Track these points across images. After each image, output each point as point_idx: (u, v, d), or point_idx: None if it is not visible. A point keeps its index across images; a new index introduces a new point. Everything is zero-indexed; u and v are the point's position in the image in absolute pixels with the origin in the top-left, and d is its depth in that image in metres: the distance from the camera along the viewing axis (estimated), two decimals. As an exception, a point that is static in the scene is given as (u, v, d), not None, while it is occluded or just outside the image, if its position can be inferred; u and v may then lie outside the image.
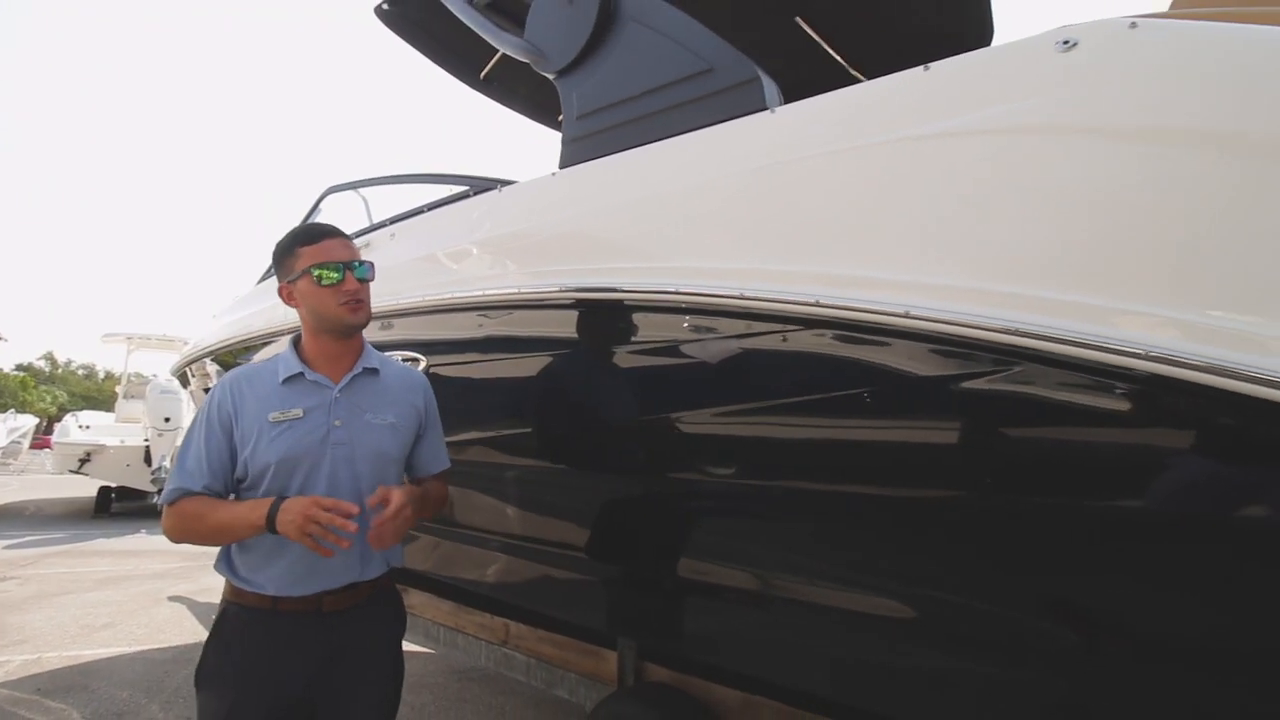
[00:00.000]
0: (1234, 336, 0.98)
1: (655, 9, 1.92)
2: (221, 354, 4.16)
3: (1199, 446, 1.08)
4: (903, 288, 1.25)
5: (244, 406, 1.45)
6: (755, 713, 2.23)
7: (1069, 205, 1.14)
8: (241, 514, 1.37)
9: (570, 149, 2.06)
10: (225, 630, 1.45)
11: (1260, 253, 0.99)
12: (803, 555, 1.61)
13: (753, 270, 1.47)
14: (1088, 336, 1.06)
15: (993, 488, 1.26)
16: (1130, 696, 1.24)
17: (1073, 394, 1.12)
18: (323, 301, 1.48)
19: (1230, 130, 1.03)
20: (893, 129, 1.35)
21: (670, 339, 1.66)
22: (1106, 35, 1.16)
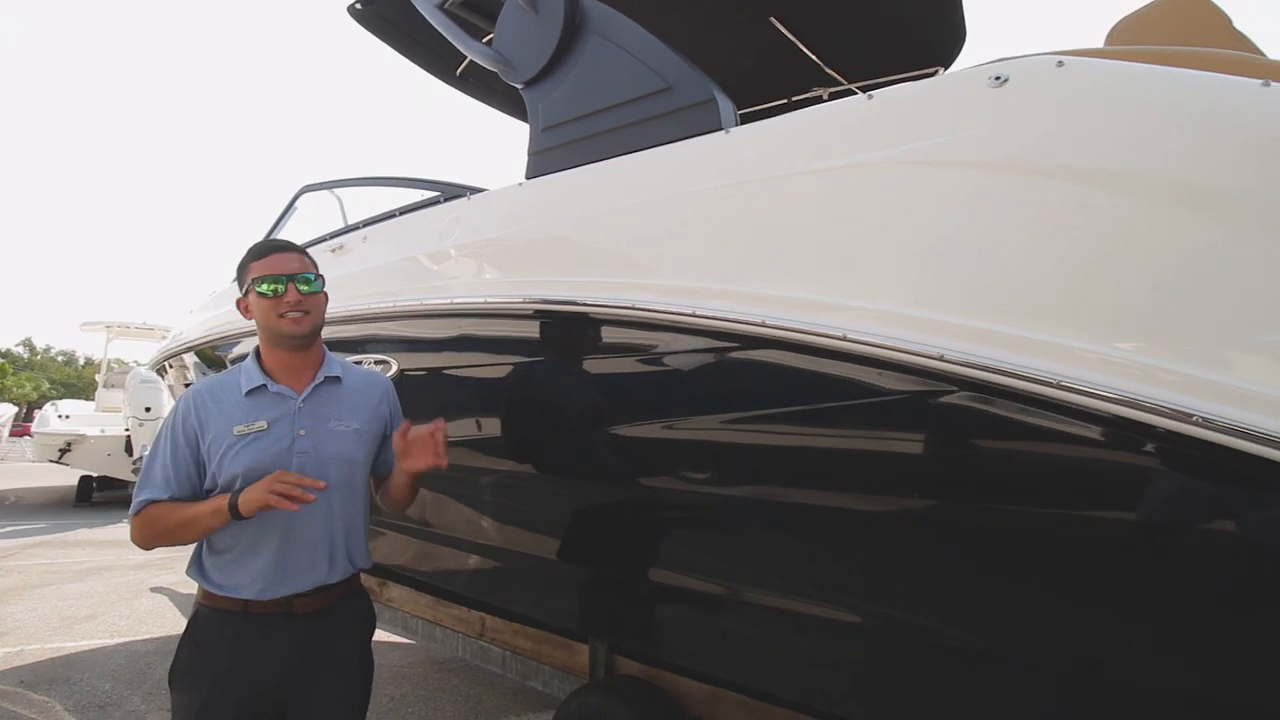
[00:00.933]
0: (1141, 369, 1.05)
1: (619, 25, 1.95)
2: (201, 349, 4.16)
3: (1099, 464, 1.15)
4: (841, 311, 1.31)
5: (209, 420, 1.49)
6: (720, 704, 2.33)
7: (996, 239, 1.20)
8: (204, 508, 1.43)
9: (536, 160, 2.09)
10: (197, 631, 1.50)
11: (1164, 287, 1.05)
12: (749, 559, 1.69)
13: (705, 289, 1.52)
14: (1011, 365, 1.13)
15: (921, 498, 1.33)
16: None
17: (995, 416, 1.19)
18: (266, 314, 1.53)
19: (1140, 170, 1.09)
20: (836, 156, 1.40)
21: (628, 352, 1.71)
22: (1035, 73, 1.22)
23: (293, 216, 3.74)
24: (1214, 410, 0.99)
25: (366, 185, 3.19)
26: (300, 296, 1.54)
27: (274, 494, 1.36)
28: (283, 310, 1.52)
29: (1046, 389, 1.09)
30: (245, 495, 1.40)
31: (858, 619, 1.57)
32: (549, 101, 2.09)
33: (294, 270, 1.56)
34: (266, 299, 1.52)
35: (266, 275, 1.53)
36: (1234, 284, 1.01)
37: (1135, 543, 1.16)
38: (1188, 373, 1.01)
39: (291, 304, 1.52)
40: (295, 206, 3.72)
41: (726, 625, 1.87)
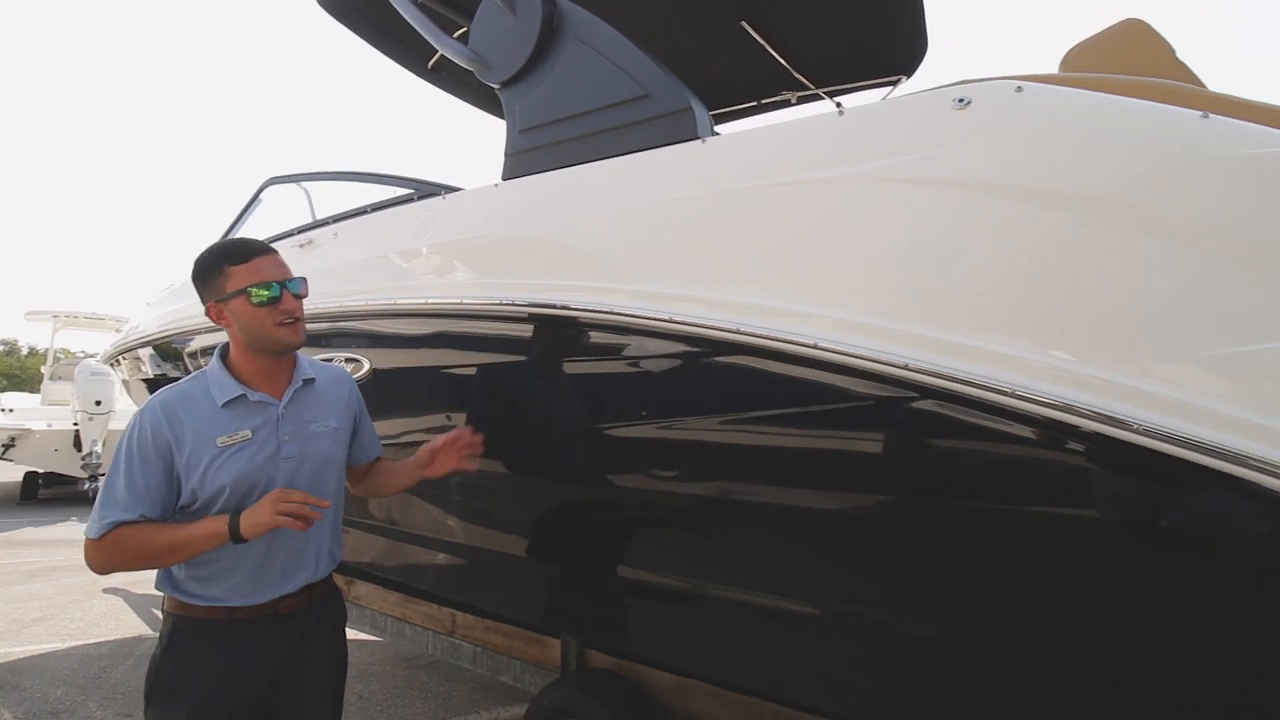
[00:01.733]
0: (1093, 381, 1.13)
1: (597, 30, 1.97)
2: (159, 344, 4.05)
3: (1053, 467, 1.23)
4: (814, 320, 1.36)
5: (184, 432, 1.42)
6: (689, 694, 2.39)
7: (958, 254, 1.27)
8: (198, 530, 1.37)
9: (512, 162, 2.11)
10: (178, 643, 1.44)
11: (1107, 303, 1.13)
12: (720, 557, 1.75)
13: (681, 295, 1.56)
14: (970, 374, 1.20)
15: (884, 498, 1.40)
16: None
17: (956, 421, 1.26)
18: (259, 322, 1.46)
19: (1088, 193, 1.17)
20: (809, 170, 1.46)
21: (604, 355, 1.75)
22: (995, 97, 1.29)
23: (257, 209, 3.67)
24: (1150, 418, 1.07)
25: (335, 180, 3.15)
26: (295, 303, 1.50)
27: (282, 515, 1.34)
28: (279, 319, 1.47)
29: (1002, 397, 1.16)
30: (249, 519, 1.35)
31: (820, 611, 1.64)
32: (526, 103, 2.11)
33: (284, 276, 1.51)
34: (259, 307, 1.45)
35: (259, 282, 1.46)
36: (1167, 300, 1.09)
37: (1075, 536, 1.24)
38: (1137, 386, 1.09)
39: (288, 311, 1.48)
40: (260, 199, 3.65)
41: (696, 619, 1.92)
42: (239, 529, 1.35)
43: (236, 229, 3.71)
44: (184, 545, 1.37)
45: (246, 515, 1.36)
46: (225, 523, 1.36)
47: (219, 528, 1.36)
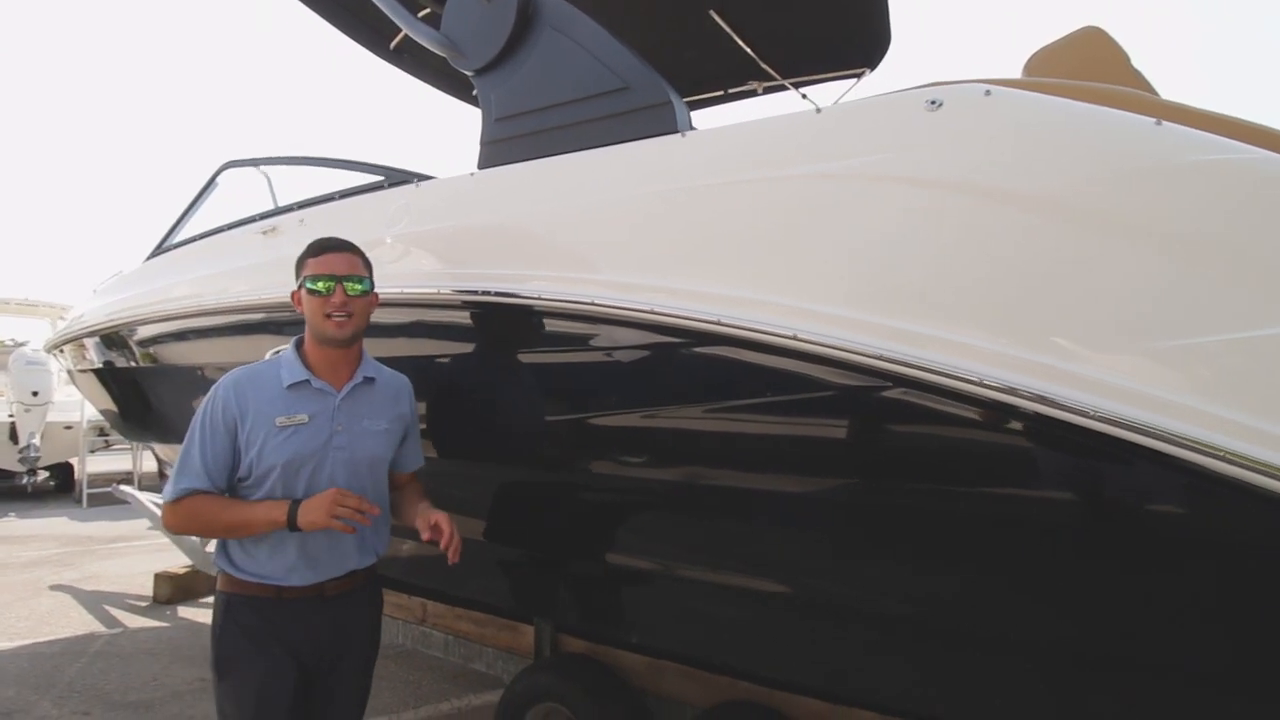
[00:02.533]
0: (1057, 372, 1.20)
1: (574, 20, 1.97)
2: (106, 333, 3.89)
3: (1016, 453, 1.31)
4: (792, 313, 1.41)
5: (249, 407, 1.55)
6: (661, 674, 2.46)
7: (928, 250, 1.33)
8: (259, 514, 1.52)
9: (489, 150, 2.10)
10: (237, 615, 1.57)
11: (1067, 302, 1.21)
12: (696, 541, 1.80)
13: (660, 287, 1.59)
14: (942, 365, 1.26)
15: (856, 483, 1.47)
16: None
17: (927, 409, 1.33)
18: (313, 312, 1.60)
19: (1050, 194, 1.24)
20: (786, 166, 1.50)
21: (581, 346, 1.77)
22: (966, 100, 1.35)
23: (213, 194, 3.54)
24: (1104, 404, 1.15)
25: (298, 165, 3.07)
26: (346, 299, 1.59)
27: (336, 518, 1.47)
28: (329, 311, 1.58)
29: (971, 386, 1.23)
30: (306, 514, 1.48)
31: (789, 590, 1.72)
32: (502, 92, 2.09)
33: (344, 271, 1.61)
34: (315, 297, 1.59)
35: (318, 274, 1.60)
36: (1120, 296, 1.17)
37: (1030, 513, 1.33)
38: (1091, 375, 1.17)
39: (337, 305, 1.58)
40: (216, 183, 3.53)
41: (674, 601, 1.98)
42: (295, 519, 1.49)
43: (191, 215, 3.58)
44: (245, 525, 1.53)
45: (304, 509, 1.49)
46: (284, 512, 1.50)
47: (278, 516, 1.50)
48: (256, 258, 2.83)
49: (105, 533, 7.41)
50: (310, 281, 1.60)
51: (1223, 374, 1.10)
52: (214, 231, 3.26)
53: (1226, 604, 1.23)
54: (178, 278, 3.32)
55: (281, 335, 2.58)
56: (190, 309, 3.08)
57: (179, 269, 3.38)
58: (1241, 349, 1.09)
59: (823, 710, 2.16)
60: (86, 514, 8.52)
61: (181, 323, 3.18)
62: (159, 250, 3.68)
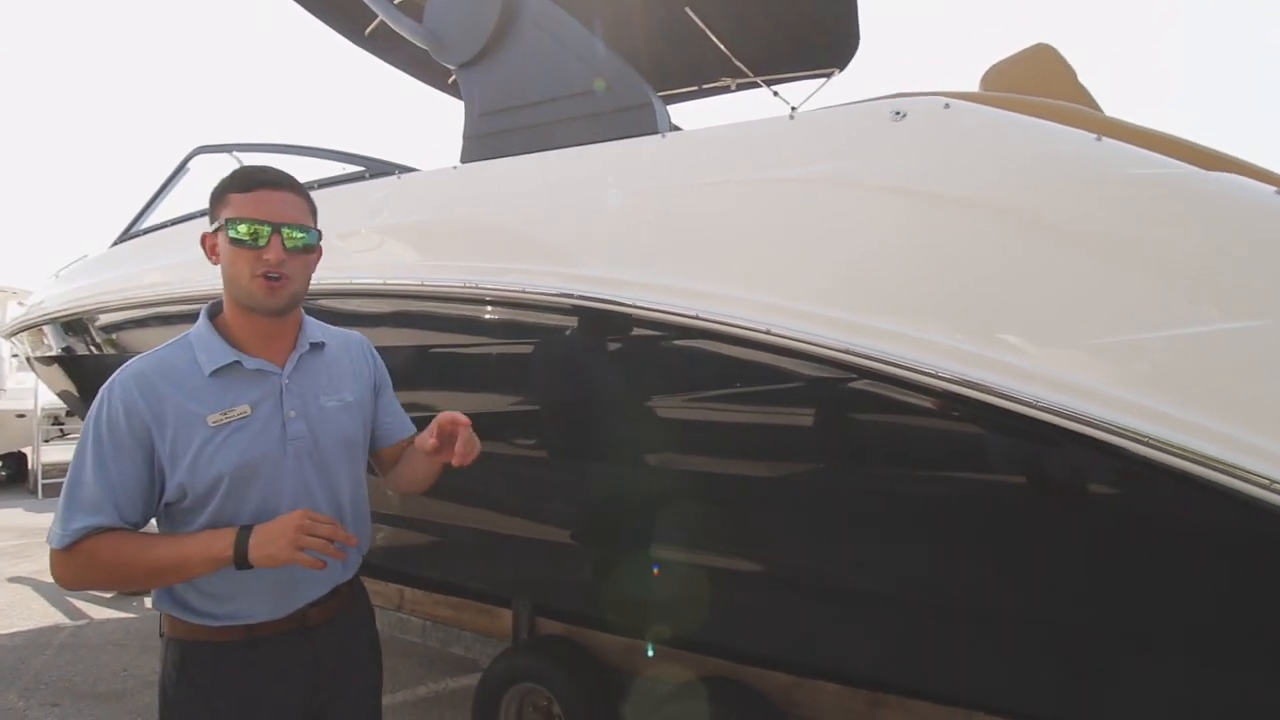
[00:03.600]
0: (1010, 368, 1.31)
1: (557, 18, 2.02)
2: (67, 321, 3.82)
3: (968, 440, 1.42)
4: (766, 309, 1.50)
5: (166, 409, 1.14)
6: (636, 654, 2.55)
7: (892, 252, 1.43)
8: (195, 551, 1.11)
9: (472, 145, 2.14)
10: (190, 670, 1.19)
11: (1017, 303, 1.32)
12: (671, 524, 1.90)
13: (639, 282, 1.67)
14: (905, 359, 1.37)
15: (823, 468, 1.58)
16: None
17: (888, 400, 1.43)
18: (235, 268, 1.17)
19: (1001, 201, 1.35)
20: (761, 170, 1.58)
21: (561, 338, 1.84)
22: (927, 112, 1.45)
23: (184, 179, 3.50)
24: (1048, 397, 1.27)
25: (274, 152, 3.05)
26: (285, 255, 1.17)
27: (301, 550, 1.08)
28: (259, 269, 1.16)
29: (930, 379, 1.34)
30: (261, 547, 1.09)
31: (760, 569, 1.82)
32: (486, 87, 2.14)
33: (284, 216, 1.18)
34: (240, 248, 1.15)
35: (245, 217, 1.15)
36: (1063, 297, 1.29)
37: (982, 494, 1.45)
38: (1045, 372, 1.28)
39: (271, 263, 1.16)
40: (187, 168, 3.48)
41: (653, 585, 2.07)
42: (247, 553, 1.09)
43: (160, 200, 3.52)
44: (177, 567, 1.12)
45: (259, 540, 1.09)
46: (230, 545, 1.09)
47: (222, 551, 1.10)
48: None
49: (63, 524, 7.22)
50: (233, 227, 1.15)
51: (1151, 368, 1.22)
52: (185, 218, 3.23)
53: (1157, 577, 1.37)
54: (147, 264, 3.28)
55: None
56: (161, 296, 3.06)
57: (148, 255, 3.33)
58: (1167, 346, 1.21)
59: (788, 683, 2.29)
60: (43, 505, 8.30)
61: (152, 309, 3.15)
62: (126, 235, 3.62)
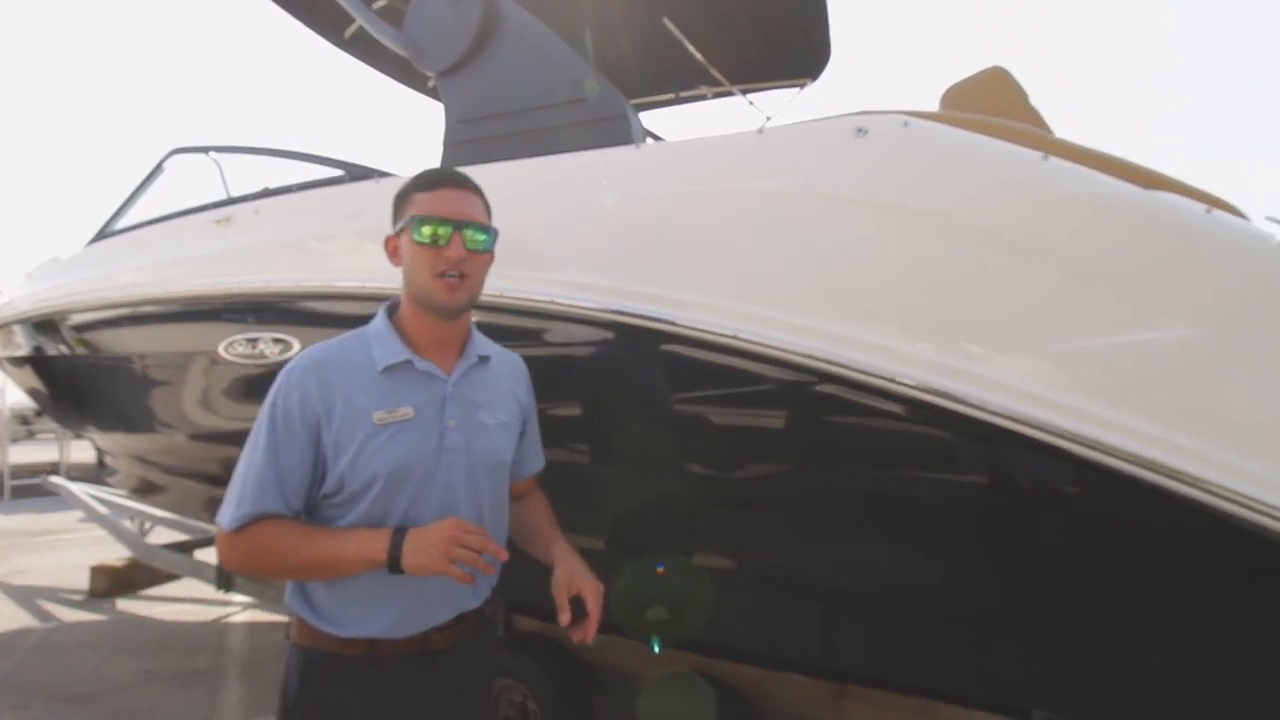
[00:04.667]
0: (967, 374, 1.39)
1: (536, 29, 2.07)
2: (38, 321, 3.78)
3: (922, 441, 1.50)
4: (735, 315, 1.57)
5: (335, 401, 1.14)
6: (611, 648, 2.60)
7: (853, 262, 1.51)
8: (351, 548, 1.11)
9: (451, 151, 2.18)
10: (313, 684, 1.17)
11: (967, 311, 1.40)
12: (641, 523, 1.96)
13: (615, 289, 1.72)
14: (865, 365, 1.44)
15: (789, 467, 1.65)
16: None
17: (850, 403, 1.50)
18: (417, 266, 1.18)
19: (953, 215, 1.43)
20: (730, 181, 1.65)
21: (539, 342, 1.89)
22: (887, 129, 1.52)
23: (159, 180, 3.48)
24: (998, 401, 1.35)
25: (251, 154, 3.06)
26: (465, 254, 1.18)
27: (452, 562, 1.07)
28: (441, 267, 1.17)
29: (887, 383, 1.41)
30: (414, 555, 1.08)
31: (732, 565, 1.89)
32: (465, 94, 2.18)
33: (465, 216, 1.20)
34: (423, 247, 1.17)
35: (429, 215, 1.18)
36: (1010, 307, 1.37)
37: (938, 493, 1.53)
38: (995, 377, 1.36)
39: (453, 261, 1.17)
40: (163, 169, 3.46)
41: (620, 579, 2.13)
42: (399, 561, 1.08)
43: (136, 200, 3.50)
44: (333, 563, 1.12)
45: (413, 546, 1.09)
46: (385, 548, 1.09)
47: (377, 553, 1.09)
48: (209, 247, 2.82)
49: (31, 526, 7.11)
50: (418, 225, 1.17)
51: (1086, 375, 1.30)
52: (163, 218, 3.22)
53: (1096, 566, 1.46)
54: (124, 264, 3.27)
55: (242, 324, 2.60)
56: (138, 296, 3.05)
57: (124, 255, 3.32)
58: (1103, 354, 1.30)
59: (758, 676, 2.36)
60: (10, 506, 8.14)
61: (128, 310, 3.14)
62: (101, 235, 3.59)
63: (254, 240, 2.64)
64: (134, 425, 3.50)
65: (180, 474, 3.59)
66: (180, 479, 3.63)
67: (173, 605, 4.70)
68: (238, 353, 2.60)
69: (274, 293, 2.45)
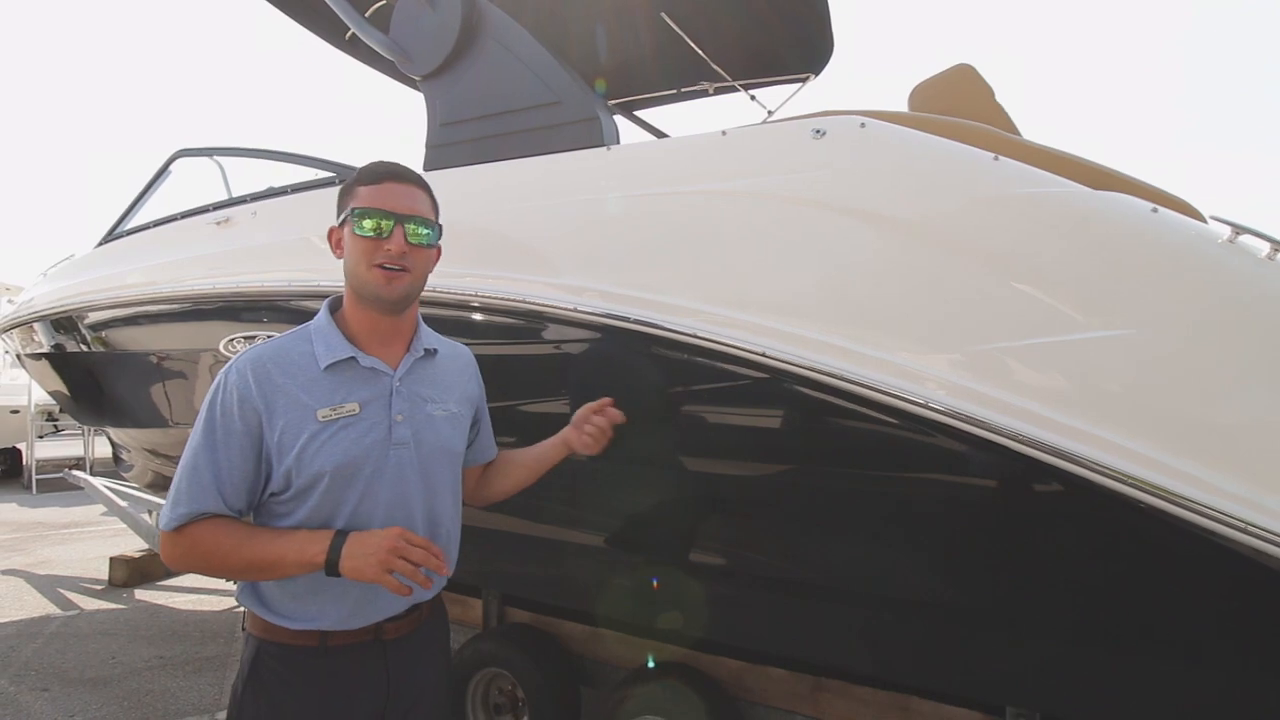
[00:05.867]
0: (905, 370, 1.42)
1: (515, 33, 2.12)
2: (56, 319, 3.91)
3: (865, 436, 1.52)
4: (694, 314, 1.61)
5: (278, 400, 1.15)
6: (599, 641, 2.66)
7: (809, 260, 1.54)
8: (291, 551, 1.11)
9: (433, 154, 2.23)
10: (263, 677, 1.18)
11: (915, 309, 1.43)
12: (614, 517, 2.00)
13: (585, 287, 1.77)
14: (809, 360, 1.47)
15: (739, 462, 1.70)
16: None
17: (803, 399, 1.53)
18: (356, 258, 1.20)
19: (906, 215, 1.45)
20: (694, 182, 1.69)
21: (513, 338, 1.94)
22: (844, 131, 1.55)
23: (166, 182, 3.59)
24: (941, 398, 1.37)
25: (251, 156, 3.14)
26: (407, 248, 1.20)
27: (388, 573, 1.08)
28: (379, 259, 1.18)
29: (831, 379, 1.45)
30: (352, 559, 1.09)
31: (711, 562, 1.93)
32: (447, 98, 2.23)
33: (407, 209, 1.21)
34: (363, 239, 1.18)
35: (371, 208, 1.19)
36: (958, 305, 1.39)
37: (881, 489, 1.56)
38: (937, 374, 1.39)
39: (393, 254, 1.18)
40: (169, 171, 3.57)
41: (609, 575, 2.18)
42: (338, 564, 1.10)
43: (144, 201, 3.61)
44: (272, 566, 1.13)
45: (351, 550, 1.10)
46: (324, 551, 1.10)
47: (315, 556, 1.11)
48: (210, 247, 2.92)
49: (57, 518, 7.35)
50: (358, 217, 1.18)
51: (1028, 373, 1.32)
52: (167, 219, 3.32)
53: (1051, 564, 1.48)
54: (132, 264, 3.38)
55: (239, 323, 2.68)
56: (144, 296, 3.15)
57: (133, 255, 3.43)
58: (1043, 353, 1.31)
59: (738, 668, 2.40)
60: (36, 500, 8.41)
61: (135, 309, 3.25)
62: (111, 236, 3.71)
63: (251, 241, 2.72)
64: (143, 421, 3.62)
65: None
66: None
67: (188, 595, 4.86)
68: (236, 350, 2.70)
69: (269, 292, 2.53)
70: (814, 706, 2.24)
